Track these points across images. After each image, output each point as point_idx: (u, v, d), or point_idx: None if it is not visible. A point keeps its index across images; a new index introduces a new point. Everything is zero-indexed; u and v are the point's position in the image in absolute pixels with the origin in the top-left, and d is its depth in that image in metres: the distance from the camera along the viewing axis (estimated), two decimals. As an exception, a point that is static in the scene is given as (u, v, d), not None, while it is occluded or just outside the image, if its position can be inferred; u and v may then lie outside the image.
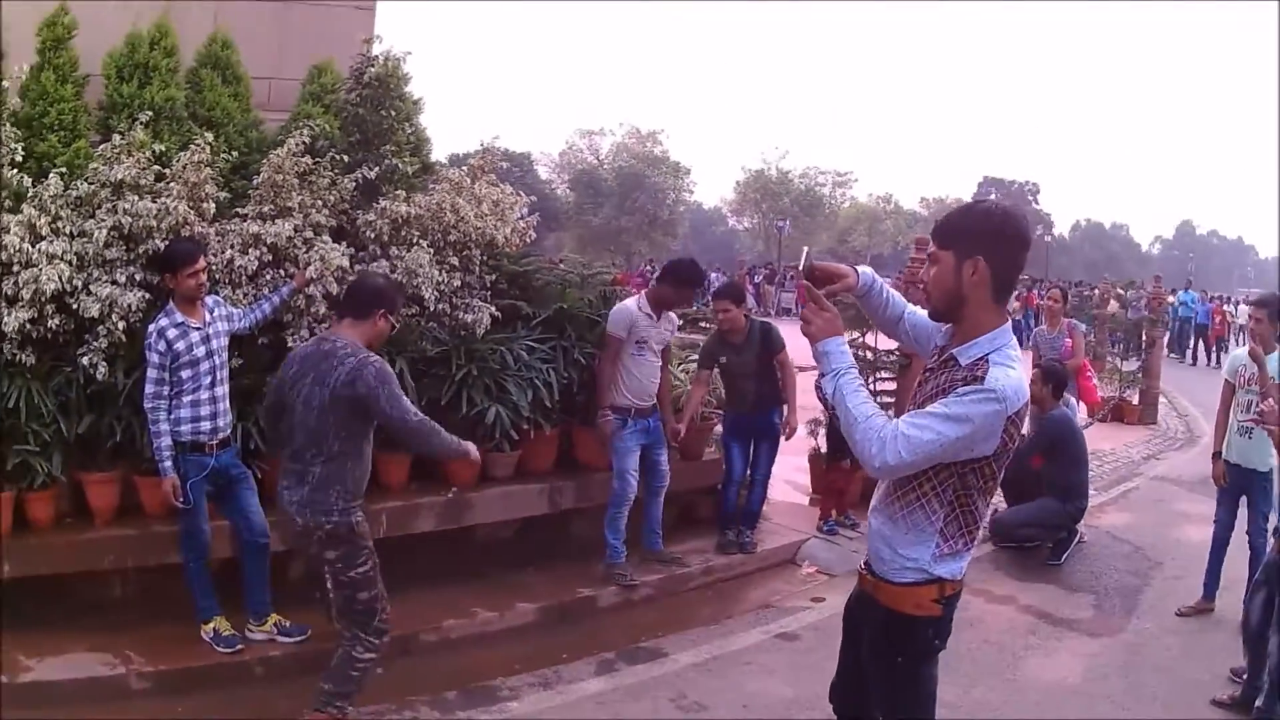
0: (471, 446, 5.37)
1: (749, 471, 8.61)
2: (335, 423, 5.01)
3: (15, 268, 6.07)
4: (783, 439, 8.56)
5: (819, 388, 3.38)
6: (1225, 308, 34.59)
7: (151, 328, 5.91)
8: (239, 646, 6.05)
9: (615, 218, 64.56)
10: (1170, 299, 27.75)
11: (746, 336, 8.22)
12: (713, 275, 44.78)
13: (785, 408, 8.44)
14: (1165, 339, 24.10)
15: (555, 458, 8.09)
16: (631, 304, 7.56)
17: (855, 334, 9.70)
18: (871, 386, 9.63)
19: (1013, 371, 3.15)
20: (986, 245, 3.19)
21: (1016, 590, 8.01)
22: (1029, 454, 8.76)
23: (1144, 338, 18.15)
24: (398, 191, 7.39)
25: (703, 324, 14.86)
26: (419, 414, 5.14)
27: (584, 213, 66.14)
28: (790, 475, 10.49)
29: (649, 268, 48.10)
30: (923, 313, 3.68)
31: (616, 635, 6.91)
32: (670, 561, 7.97)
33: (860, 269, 3.66)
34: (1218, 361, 27.71)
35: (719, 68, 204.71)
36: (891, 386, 9.79)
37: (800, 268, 3.45)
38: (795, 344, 5.47)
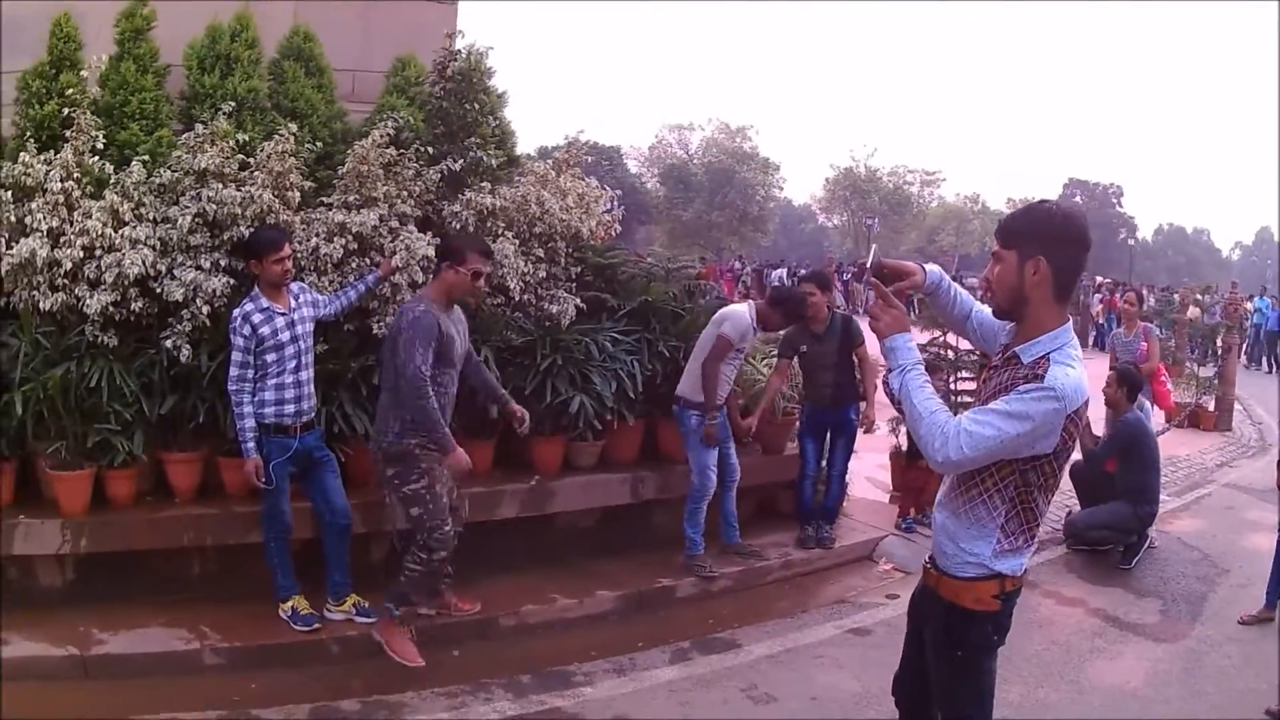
0: (459, 458, 5.91)
1: (825, 467, 8.56)
2: (389, 357, 5.86)
3: (98, 252, 6.19)
4: (860, 433, 8.51)
5: (886, 383, 3.37)
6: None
7: (236, 312, 5.99)
8: (316, 625, 6.12)
9: (705, 213, 64.38)
10: (1246, 305, 26.95)
11: (828, 326, 8.18)
12: (801, 271, 44.76)
13: (863, 403, 8.39)
14: (1244, 346, 23.42)
15: (639, 448, 8.09)
16: (747, 314, 7.50)
17: (937, 333, 9.57)
18: (952, 386, 9.50)
19: (1072, 370, 3.15)
20: (1048, 245, 3.20)
21: (1086, 593, 7.88)
22: (1103, 457, 8.67)
23: (1219, 343, 17.71)
24: (483, 184, 7.42)
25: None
26: (423, 375, 5.65)
27: (674, 207, 66.06)
28: (871, 472, 10.45)
29: (738, 263, 48.00)
30: (990, 311, 3.67)
31: (692, 625, 6.89)
32: (748, 554, 7.92)
33: (928, 267, 3.68)
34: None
35: (808, 64, 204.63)
36: (972, 386, 9.62)
37: (868, 265, 3.48)
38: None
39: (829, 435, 8.48)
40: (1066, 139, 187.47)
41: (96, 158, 6.46)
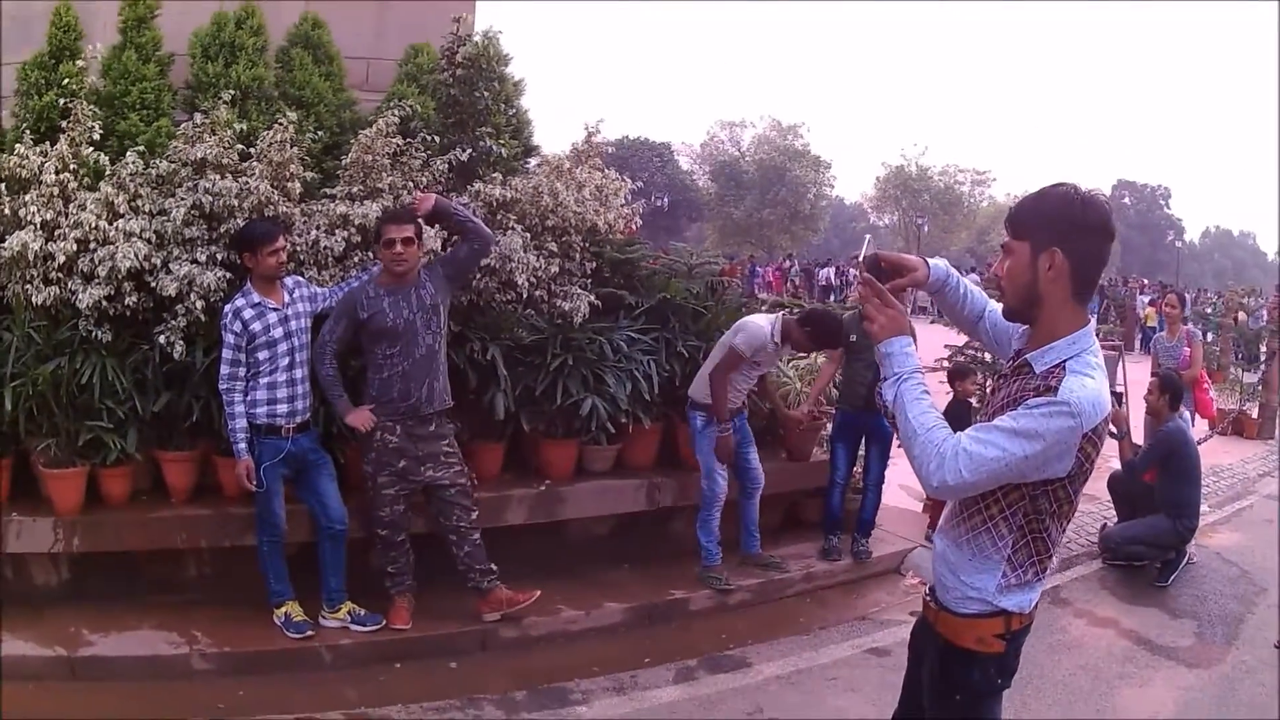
0: (355, 418, 6.00)
1: (862, 476, 8.22)
2: None
3: (93, 245, 6.04)
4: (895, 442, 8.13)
5: (879, 394, 3.01)
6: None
7: (227, 308, 5.84)
8: (309, 632, 5.94)
9: (757, 210, 63.78)
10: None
11: None
12: (852, 272, 44.45)
13: None
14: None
15: (656, 453, 7.79)
16: (766, 328, 7.08)
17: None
18: (988, 392, 9.10)
19: (1090, 381, 2.76)
20: (1065, 235, 2.81)
21: (1119, 613, 7.50)
22: (1143, 468, 8.29)
23: (1264, 349, 17.11)
24: (494, 174, 7.20)
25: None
26: (324, 343, 6.00)
27: (725, 204, 65.55)
28: (905, 479, 9.77)
29: (787, 261, 47.72)
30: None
31: (703, 641, 6.59)
32: (769, 566, 7.60)
33: (933, 261, 3.31)
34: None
35: (860, 62, 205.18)
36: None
37: (861, 258, 3.14)
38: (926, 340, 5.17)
39: (864, 442, 8.13)
40: (1115, 140, 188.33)
41: (93, 149, 6.30)
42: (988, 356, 9.33)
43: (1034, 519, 2.87)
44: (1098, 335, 3.09)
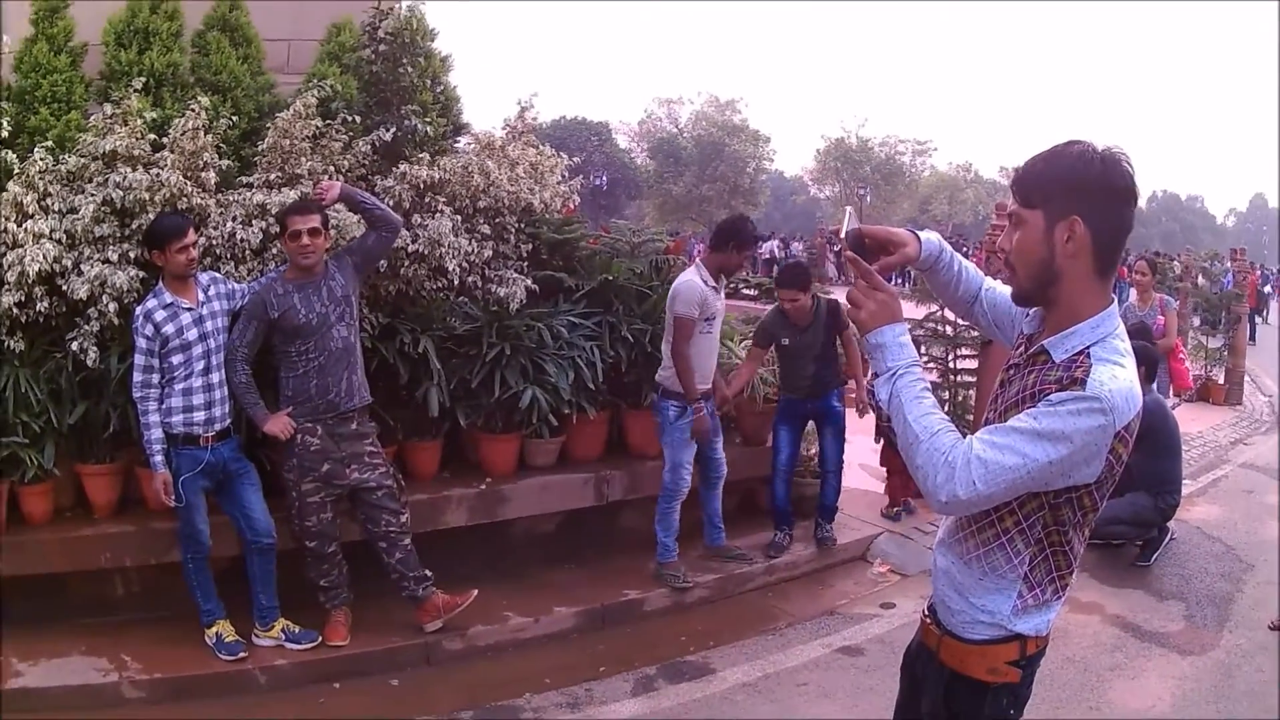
0: (273, 425, 5.67)
1: (817, 464, 7.92)
2: None
3: (2, 249, 5.66)
4: (857, 418, 7.90)
5: (871, 393, 2.63)
6: None
7: (138, 310, 5.48)
8: (242, 654, 5.63)
9: (696, 186, 63.84)
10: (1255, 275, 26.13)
11: (813, 318, 7.45)
12: (795, 246, 44.18)
13: (849, 384, 7.76)
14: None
15: (603, 444, 7.48)
16: (695, 277, 6.74)
17: (934, 307, 8.87)
18: (951, 366, 8.80)
19: (1121, 370, 2.36)
20: (1086, 201, 2.38)
21: (1103, 596, 7.23)
22: None
23: (1225, 315, 17.04)
24: (421, 155, 6.84)
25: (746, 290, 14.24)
26: (234, 348, 5.68)
27: (664, 181, 65.40)
28: (865, 457, 9.60)
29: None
30: (1004, 288, 2.87)
31: (662, 645, 6.28)
32: (734, 557, 7.32)
33: (924, 235, 2.86)
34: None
35: (798, 36, 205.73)
36: (974, 365, 8.92)
37: (843, 234, 2.68)
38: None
39: (816, 427, 7.82)
40: (1057, 105, 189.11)
41: (1, 147, 5.90)
42: (949, 329, 9.03)
43: (1055, 531, 2.51)
44: None
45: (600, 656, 6.08)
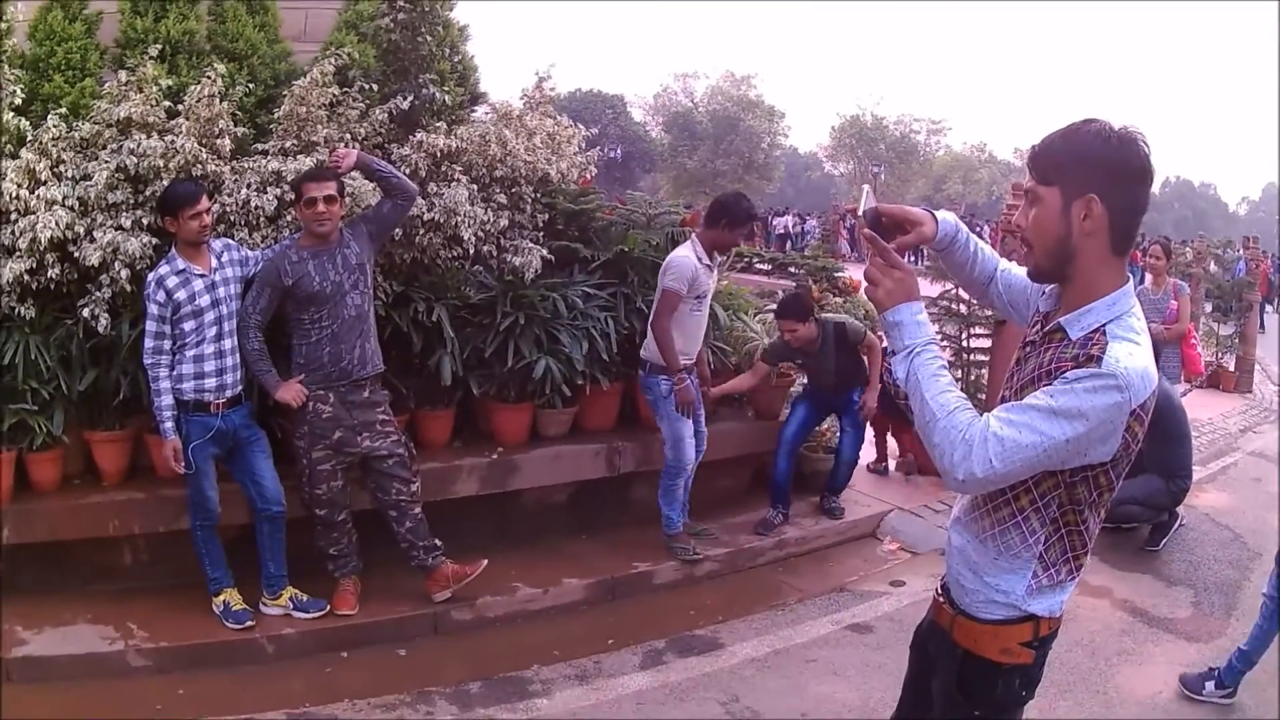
0: (285, 393, 5.66)
1: (836, 454, 7.87)
2: None
3: (14, 216, 5.64)
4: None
5: (889, 371, 2.61)
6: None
7: (150, 276, 5.45)
8: (249, 622, 5.63)
9: (710, 161, 63.45)
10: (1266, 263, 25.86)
11: (820, 344, 7.40)
12: (811, 222, 43.95)
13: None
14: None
15: (615, 416, 7.45)
16: (689, 253, 6.69)
17: (948, 285, 8.81)
18: (965, 344, 8.75)
19: (1137, 348, 2.38)
20: (1102, 179, 2.39)
21: (1113, 580, 7.18)
22: None
23: (1236, 302, 16.97)
24: (438, 124, 6.80)
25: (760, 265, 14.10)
26: (247, 315, 5.66)
27: (679, 155, 65.20)
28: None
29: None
30: (1020, 269, 2.89)
31: (671, 618, 6.27)
32: (698, 535, 7.20)
33: (940, 214, 2.88)
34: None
35: (814, 11, 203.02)
36: (988, 344, 8.86)
37: (860, 212, 2.69)
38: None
39: (837, 418, 7.85)
40: (1072, 88, 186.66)
41: (13, 115, 5.88)
42: (963, 308, 8.98)
43: (1070, 510, 2.53)
44: None
45: (609, 629, 6.08)
